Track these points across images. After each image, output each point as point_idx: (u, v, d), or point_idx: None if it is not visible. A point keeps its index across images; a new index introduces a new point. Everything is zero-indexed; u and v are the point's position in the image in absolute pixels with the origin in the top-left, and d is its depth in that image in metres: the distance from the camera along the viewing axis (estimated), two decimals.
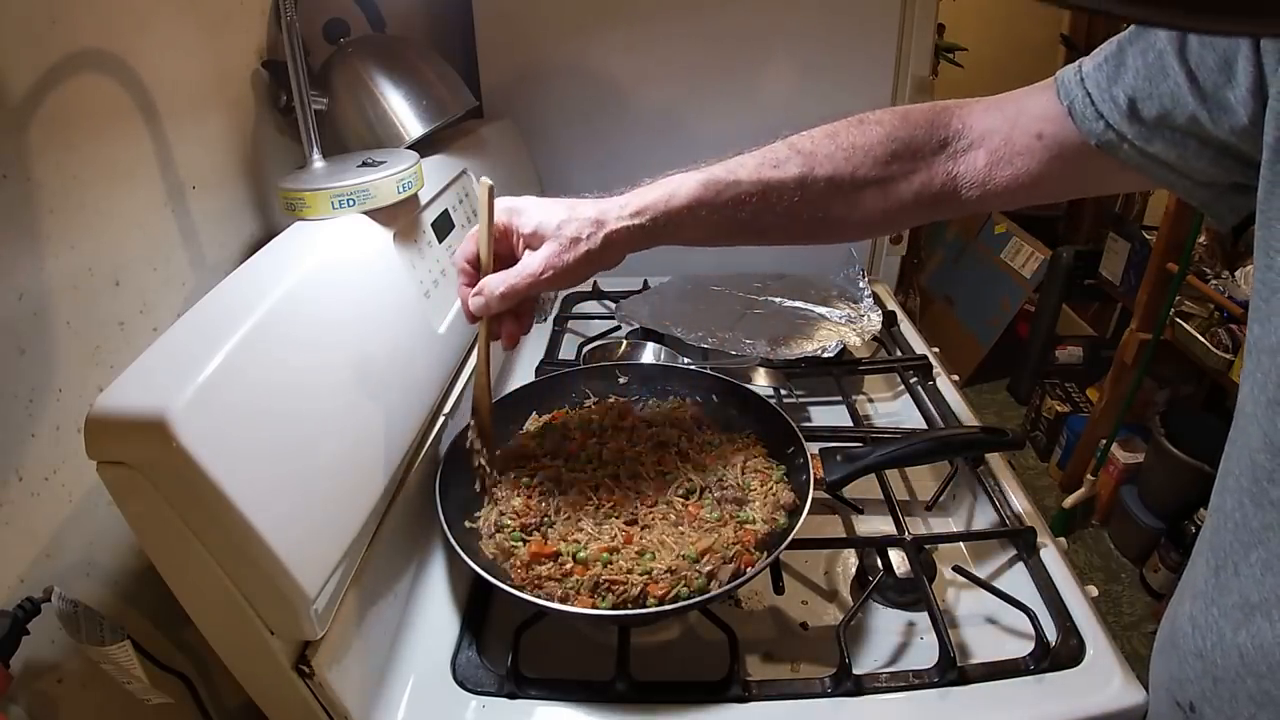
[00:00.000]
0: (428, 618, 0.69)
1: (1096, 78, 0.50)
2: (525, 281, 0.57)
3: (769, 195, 0.55)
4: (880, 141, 0.55)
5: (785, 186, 0.55)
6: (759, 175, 0.56)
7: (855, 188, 0.55)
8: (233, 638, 0.52)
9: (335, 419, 0.56)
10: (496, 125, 1.14)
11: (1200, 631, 0.49)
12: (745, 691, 0.61)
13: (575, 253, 0.56)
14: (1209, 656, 0.48)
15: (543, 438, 0.78)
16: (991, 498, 0.81)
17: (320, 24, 0.84)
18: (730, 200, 0.56)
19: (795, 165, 0.55)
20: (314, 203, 0.66)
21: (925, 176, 0.53)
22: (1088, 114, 0.50)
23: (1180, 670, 0.51)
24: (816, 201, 0.56)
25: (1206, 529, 0.51)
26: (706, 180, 0.56)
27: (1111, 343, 2.22)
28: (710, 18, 1.19)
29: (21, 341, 0.50)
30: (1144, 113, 0.48)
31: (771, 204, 0.56)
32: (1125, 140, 0.49)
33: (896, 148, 0.54)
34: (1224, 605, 0.47)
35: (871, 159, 0.54)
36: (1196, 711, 0.49)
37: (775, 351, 1.01)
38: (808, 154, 0.55)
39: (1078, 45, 2.63)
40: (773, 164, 0.55)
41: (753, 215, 0.56)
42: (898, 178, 0.54)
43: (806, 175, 0.55)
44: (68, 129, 0.54)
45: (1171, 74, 0.45)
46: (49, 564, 0.51)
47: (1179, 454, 1.73)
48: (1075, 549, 2.03)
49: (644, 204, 0.57)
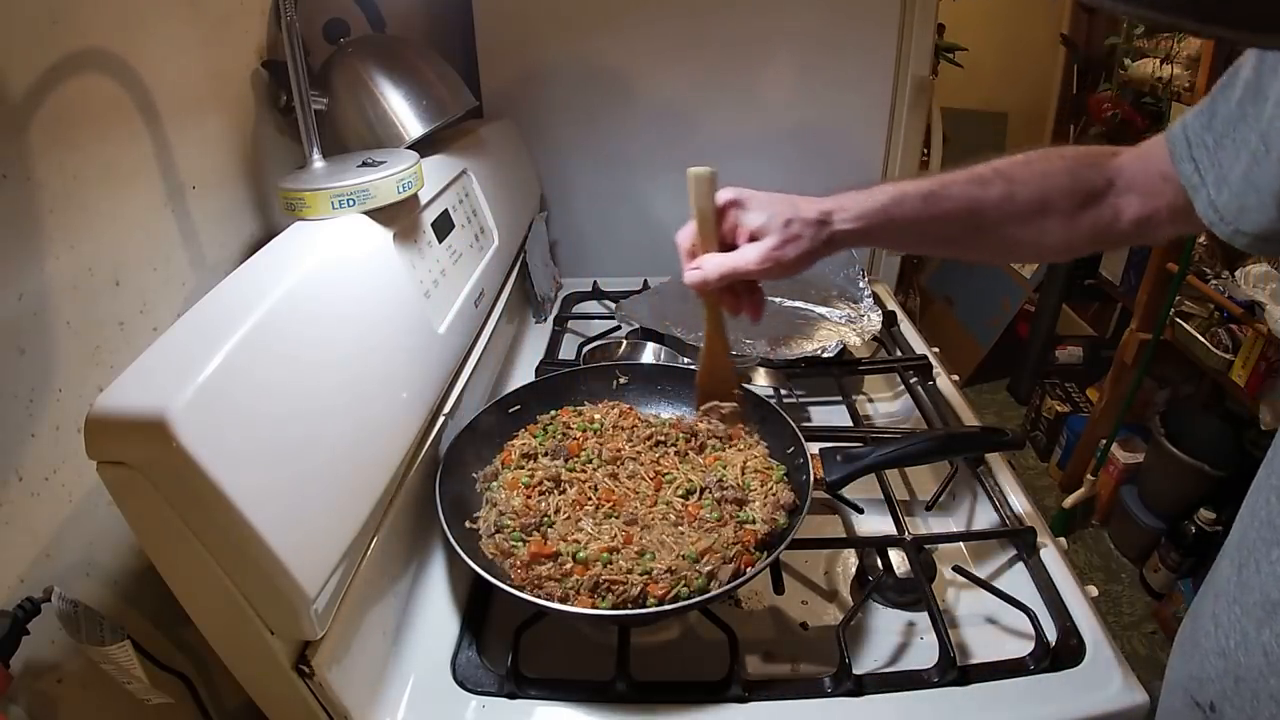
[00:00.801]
0: (428, 618, 0.69)
1: (1194, 124, 0.53)
2: (745, 267, 0.62)
3: (973, 212, 0.59)
4: (1065, 173, 0.59)
5: (988, 205, 0.59)
6: (967, 193, 0.60)
7: (1045, 214, 0.59)
8: (233, 638, 0.52)
9: (335, 419, 0.56)
10: (496, 125, 1.14)
11: (1223, 630, 0.49)
12: (745, 691, 0.61)
13: (798, 248, 0.61)
14: (1232, 655, 0.48)
15: (544, 438, 0.78)
16: (991, 498, 0.81)
17: (320, 24, 0.84)
18: (940, 214, 0.60)
19: (999, 186, 0.59)
20: (314, 203, 0.66)
21: (1096, 212, 0.58)
22: (1181, 154, 0.53)
23: (1201, 669, 0.52)
24: (1011, 222, 0.60)
25: (1234, 529, 0.52)
26: (925, 194, 0.60)
27: (1111, 343, 2.22)
28: (710, 18, 1.19)
29: (21, 341, 0.50)
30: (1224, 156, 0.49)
31: (974, 221, 0.60)
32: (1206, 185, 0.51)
33: (1078, 182, 0.58)
34: (1246, 603, 0.47)
35: (1060, 189, 0.58)
36: (1217, 711, 0.50)
37: (775, 351, 1.01)
38: (1009, 177, 0.59)
39: (1078, 45, 2.63)
40: (980, 182, 0.60)
41: (957, 230, 0.61)
42: (1079, 210, 0.58)
43: (1007, 197, 0.59)
44: (68, 129, 0.54)
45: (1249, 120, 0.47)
46: (49, 564, 0.51)
47: (1179, 454, 1.73)
48: (1075, 549, 2.03)
49: (864, 210, 0.61)
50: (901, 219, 0.61)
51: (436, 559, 0.73)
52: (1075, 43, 2.63)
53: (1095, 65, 2.52)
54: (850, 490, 0.75)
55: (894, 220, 0.61)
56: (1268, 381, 1.51)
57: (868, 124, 1.27)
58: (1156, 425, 1.82)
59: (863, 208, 0.61)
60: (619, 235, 1.36)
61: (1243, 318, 1.55)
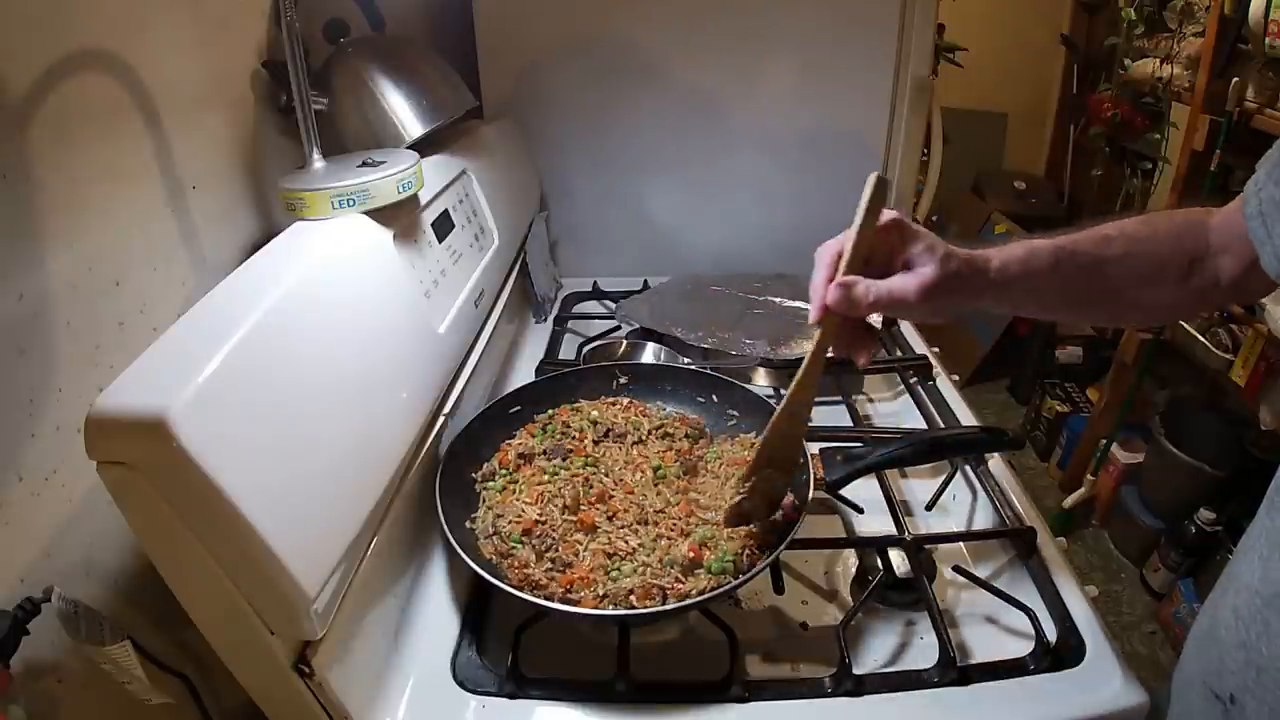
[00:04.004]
0: (428, 618, 0.69)
1: (1263, 178, 0.53)
2: (905, 297, 0.53)
3: (1100, 269, 0.58)
4: (1173, 236, 0.59)
5: (1111, 264, 0.58)
6: (1096, 251, 0.58)
7: (1162, 276, 0.58)
8: (233, 638, 0.52)
9: (335, 419, 0.56)
10: (496, 125, 1.14)
11: (1244, 623, 0.50)
12: (745, 691, 0.61)
13: (954, 290, 0.54)
14: (1253, 646, 0.49)
15: (543, 437, 0.78)
16: (991, 498, 0.81)
17: (320, 24, 0.84)
18: (1074, 269, 0.58)
19: (1120, 246, 0.58)
20: (314, 203, 0.66)
21: (1201, 274, 0.57)
22: (1251, 213, 0.52)
23: (1220, 662, 0.52)
24: (1132, 285, 0.59)
25: (1258, 524, 0.52)
26: (1055, 247, 0.58)
27: (1111, 343, 2.22)
28: (710, 18, 1.19)
29: (21, 341, 0.50)
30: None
31: (1101, 278, 0.59)
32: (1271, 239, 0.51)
33: (1183, 244, 0.58)
34: (1268, 595, 0.48)
35: (1172, 251, 0.58)
36: (1237, 703, 0.50)
37: (775, 351, 1.01)
38: (1129, 237, 0.59)
39: (1078, 45, 2.63)
40: (1105, 241, 0.59)
41: (1082, 291, 0.59)
42: (1188, 272, 0.58)
43: (1128, 257, 0.58)
44: (68, 129, 0.54)
45: None
46: (49, 564, 0.51)
47: (1179, 454, 1.73)
48: (1075, 549, 2.03)
49: (1008, 261, 0.57)
50: (1038, 272, 0.57)
51: (436, 559, 0.73)
52: (1075, 43, 2.63)
53: (1095, 65, 2.52)
54: (850, 490, 0.75)
55: (1033, 273, 0.57)
56: (1268, 381, 1.51)
57: (868, 124, 1.27)
58: (1156, 425, 1.82)
59: (1005, 259, 0.56)
60: (619, 235, 1.36)
61: (1243, 318, 1.55)
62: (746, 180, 1.30)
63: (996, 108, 2.87)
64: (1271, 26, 1.42)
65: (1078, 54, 2.62)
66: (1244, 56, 1.56)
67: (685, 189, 1.31)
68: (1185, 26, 1.93)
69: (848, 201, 0.54)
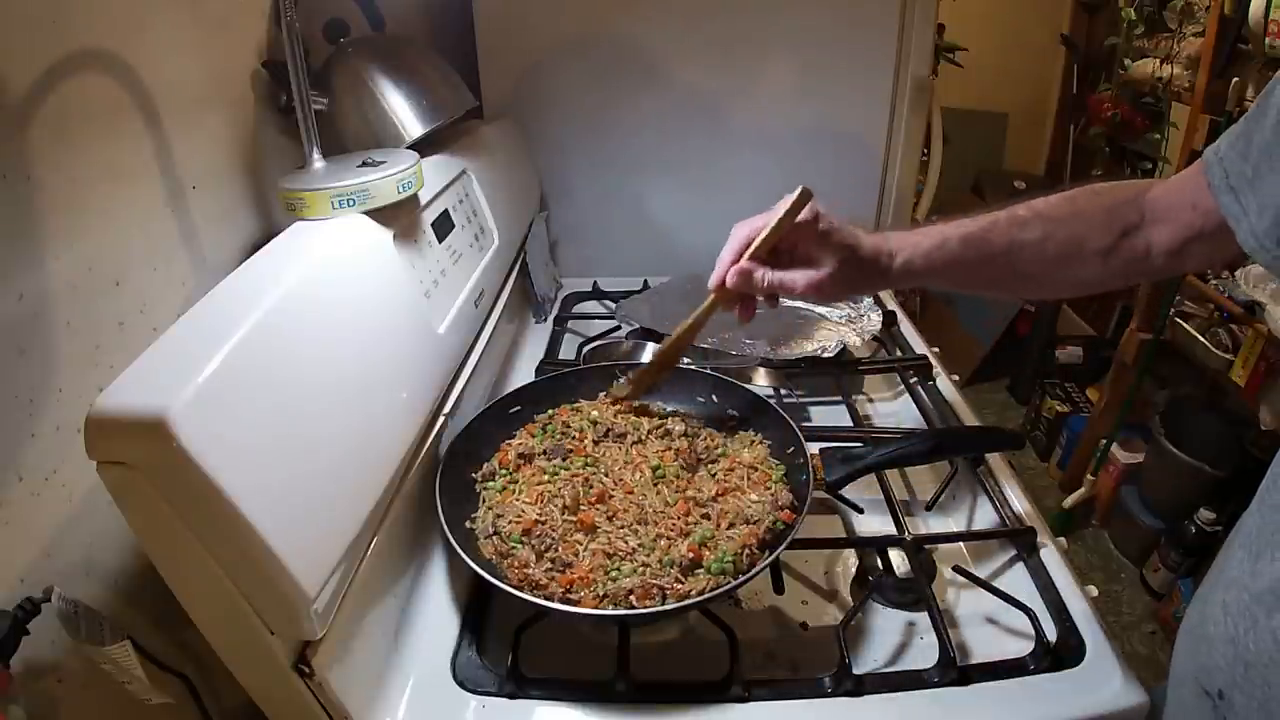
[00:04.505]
0: (428, 618, 0.68)
1: (1230, 154, 0.52)
2: (792, 288, 0.63)
3: (1012, 253, 0.60)
4: (1100, 210, 0.60)
5: (1028, 247, 0.60)
6: (1009, 235, 0.60)
7: (1082, 253, 0.60)
8: (233, 638, 0.52)
9: (335, 419, 0.56)
10: (496, 125, 1.14)
11: (1233, 618, 0.50)
12: (745, 691, 0.61)
13: (840, 285, 0.62)
14: (1241, 642, 0.49)
15: (543, 437, 0.78)
16: (991, 498, 0.81)
17: (320, 24, 0.84)
18: (983, 257, 0.61)
19: (1037, 228, 0.60)
20: (314, 203, 0.66)
21: (1130, 245, 0.58)
22: (1220, 186, 0.52)
23: (1210, 658, 0.52)
24: (1051, 264, 0.60)
25: (1247, 519, 0.53)
26: (965, 236, 0.61)
27: (1111, 343, 2.22)
28: (710, 18, 1.19)
29: (21, 341, 0.50)
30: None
31: (1012, 262, 0.61)
32: (1248, 215, 0.50)
33: (1113, 218, 0.59)
34: (1257, 590, 0.48)
35: (1095, 226, 0.59)
36: (1226, 699, 0.50)
37: (775, 351, 1.01)
38: (1046, 218, 0.60)
39: (1078, 45, 2.63)
40: (1019, 225, 0.60)
41: (999, 272, 0.62)
42: (1113, 245, 0.59)
43: (1046, 238, 0.60)
44: (68, 129, 0.54)
45: None
46: (49, 564, 0.51)
47: (1179, 454, 1.73)
48: (1075, 549, 2.03)
49: (914, 253, 0.62)
50: (944, 263, 0.61)
51: (436, 559, 0.73)
52: (1075, 43, 2.63)
53: (1095, 65, 2.52)
54: (850, 490, 0.75)
55: (942, 259, 0.61)
56: (1268, 381, 1.51)
57: (868, 124, 1.27)
58: (1156, 425, 1.82)
59: (910, 255, 0.62)
60: (619, 235, 1.36)
61: (1243, 318, 1.54)
62: (746, 180, 1.29)
63: (996, 108, 2.87)
64: (1271, 26, 1.42)
65: (1078, 54, 2.62)
66: (1244, 56, 1.56)
67: (685, 189, 1.31)
68: (1185, 26, 1.93)
69: (848, 202, 0.56)
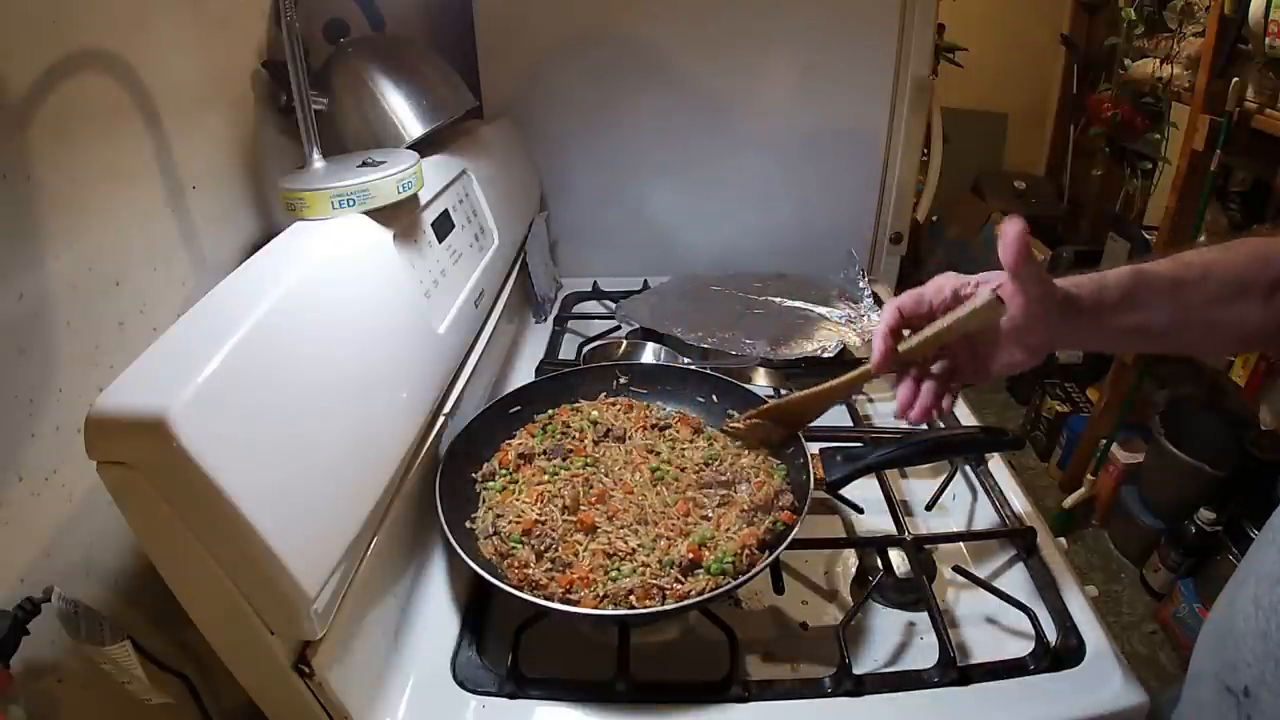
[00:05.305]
0: (428, 618, 0.69)
1: None
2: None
3: (1177, 294, 0.58)
4: (1260, 258, 0.58)
5: (1189, 284, 0.58)
6: (1172, 271, 0.58)
7: (1244, 294, 0.58)
8: (233, 638, 0.52)
9: (335, 419, 0.56)
10: (496, 125, 1.14)
11: (1264, 613, 0.50)
12: (745, 691, 0.61)
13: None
14: (1273, 637, 0.48)
15: (543, 437, 0.78)
16: (991, 498, 0.81)
17: (320, 24, 0.84)
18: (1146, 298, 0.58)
19: (1198, 269, 0.58)
20: (314, 203, 0.66)
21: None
22: None
23: (1237, 653, 0.52)
24: (1211, 304, 0.58)
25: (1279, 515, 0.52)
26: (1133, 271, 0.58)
27: None
28: (710, 18, 1.19)
29: (21, 341, 0.50)
30: None
31: (1180, 305, 0.58)
32: None
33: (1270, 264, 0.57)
34: None
35: (1255, 269, 0.57)
36: (1251, 695, 0.50)
37: (775, 351, 1.01)
38: (1207, 259, 0.58)
39: (1078, 45, 2.62)
40: (1182, 265, 0.58)
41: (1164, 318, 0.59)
42: (1272, 294, 0.57)
43: (1208, 276, 0.58)
44: (68, 129, 0.54)
45: None
46: (49, 564, 0.51)
47: (1179, 454, 1.73)
48: (1075, 549, 2.02)
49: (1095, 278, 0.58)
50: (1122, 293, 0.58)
51: (436, 559, 0.73)
52: (1075, 43, 2.63)
53: (1095, 65, 2.52)
54: (850, 490, 0.75)
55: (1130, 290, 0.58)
56: (1267, 381, 1.50)
57: (868, 124, 1.27)
58: (1156, 425, 1.82)
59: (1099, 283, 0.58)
60: (619, 235, 1.36)
61: None
62: (747, 180, 1.30)
63: (996, 108, 2.86)
64: (1271, 26, 1.42)
65: (1078, 54, 2.62)
66: (1244, 56, 1.56)
67: (685, 189, 1.31)
68: (1185, 26, 1.93)
69: (848, 202, 0.55)
